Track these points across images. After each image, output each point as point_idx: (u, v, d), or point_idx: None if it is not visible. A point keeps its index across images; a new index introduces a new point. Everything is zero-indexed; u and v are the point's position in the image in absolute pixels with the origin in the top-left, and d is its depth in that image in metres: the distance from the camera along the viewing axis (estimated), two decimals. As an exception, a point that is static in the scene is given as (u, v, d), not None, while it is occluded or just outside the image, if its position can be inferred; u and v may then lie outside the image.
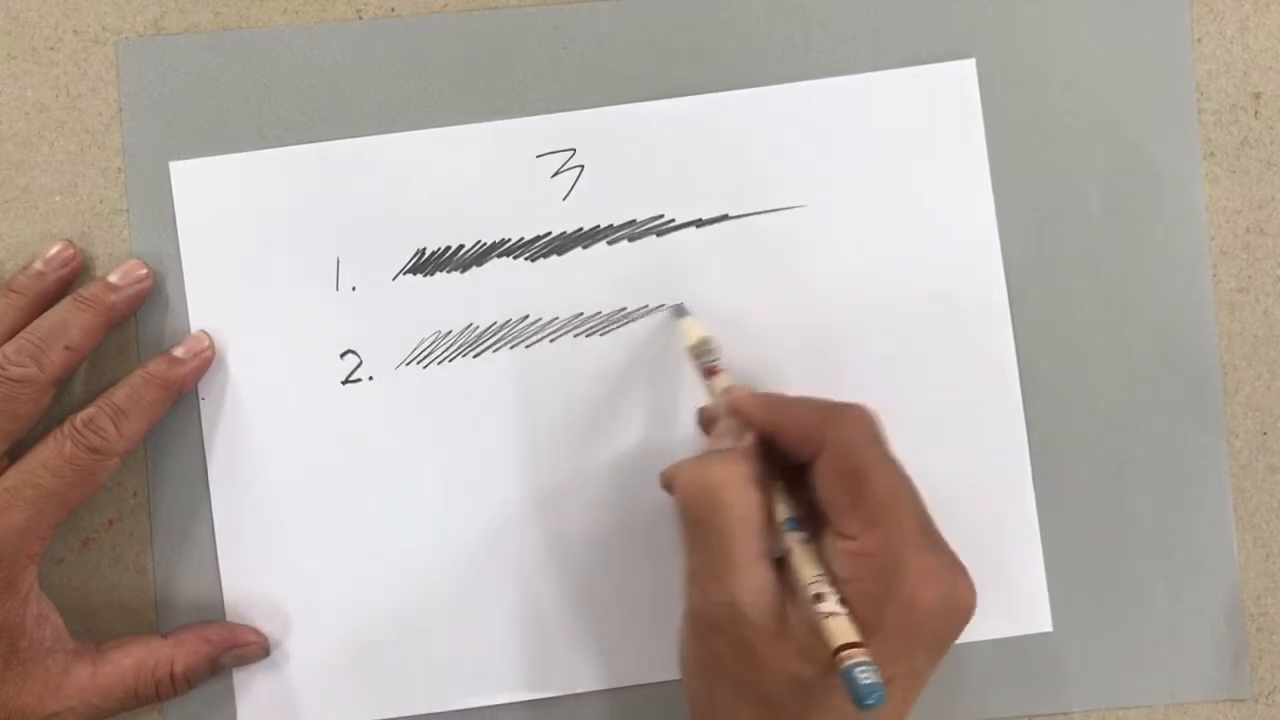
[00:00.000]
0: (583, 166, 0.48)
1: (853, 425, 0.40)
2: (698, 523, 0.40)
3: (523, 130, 0.48)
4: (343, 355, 0.48)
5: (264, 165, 0.47)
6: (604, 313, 0.48)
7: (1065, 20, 0.48)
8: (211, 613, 0.47)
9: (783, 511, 0.41)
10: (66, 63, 0.48)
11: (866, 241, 0.48)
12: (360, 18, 0.48)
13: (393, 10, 0.48)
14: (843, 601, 0.38)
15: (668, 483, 0.42)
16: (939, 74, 0.48)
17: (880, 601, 0.38)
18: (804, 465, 0.41)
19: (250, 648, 0.46)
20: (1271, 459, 0.48)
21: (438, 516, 0.47)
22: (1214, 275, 0.48)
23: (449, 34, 0.48)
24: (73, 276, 0.47)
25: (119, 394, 0.45)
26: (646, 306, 0.48)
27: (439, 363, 0.48)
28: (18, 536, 0.43)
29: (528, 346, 0.48)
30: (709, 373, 0.45)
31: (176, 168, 0.47)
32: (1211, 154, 0.48)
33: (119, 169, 0.48)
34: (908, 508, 0.39)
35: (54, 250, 0.47)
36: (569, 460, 0.47)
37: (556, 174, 0.48)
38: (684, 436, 0.47)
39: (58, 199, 0.48)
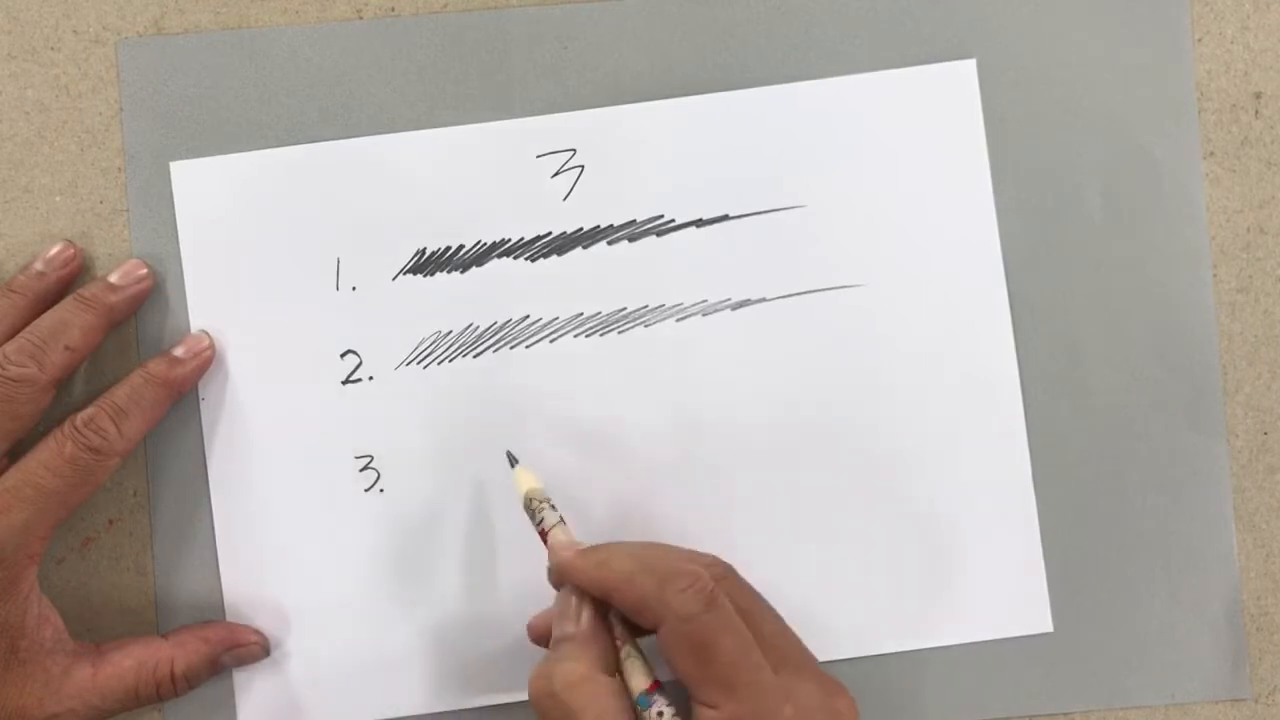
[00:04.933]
0: (583, 166, 0.48)
1: (688, 594, 0.39)
2: None
3: (523, 130, 0.48)
4: (343, 355, 0.48)
5: (264, 165, 0.47)
6: (604, 313, 0.48)
7: (1065, 20, 0.48)
8: (211, 613, 0.47)
9: (639, 682, 0.39)
10: (66, 63, 0.48)
11: (866, 241, 0.48)
12: (360, 18, 0.48)
13: (393, 10, 0.48)
14: None
15: None
16: (939, 74, 0.48)
17: None
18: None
19: (250, 648, 0.46)
20: (1271, 459, 0.48)
21: (437, 516, 0.47)
22: (1214, 275, 0.48)
23: (449, 34, 0.48)
24: (73, 277, 0.47)
25: (119, 394, 0.45)
26: (646, 306, 0.48)
27: (439, 363, 0.48)
28: (18, 536, 0.43)
29: (528, 346, 0.48)
30: (541, 529, 0.43)
31: (176, 168, 0.47)
32: (1211, 154, 0.48)
33: (119, 169, 0.48)
34: (761, 661, 0.39)
35: (54, 250, 0.47)
36: (569, 460, 0.47)
37: (556, 174, 0.48)
38: (687, 435, 0.47)
39: (58, 199, 0.48)
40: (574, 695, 0.38)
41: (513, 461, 0.46)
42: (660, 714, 0.38)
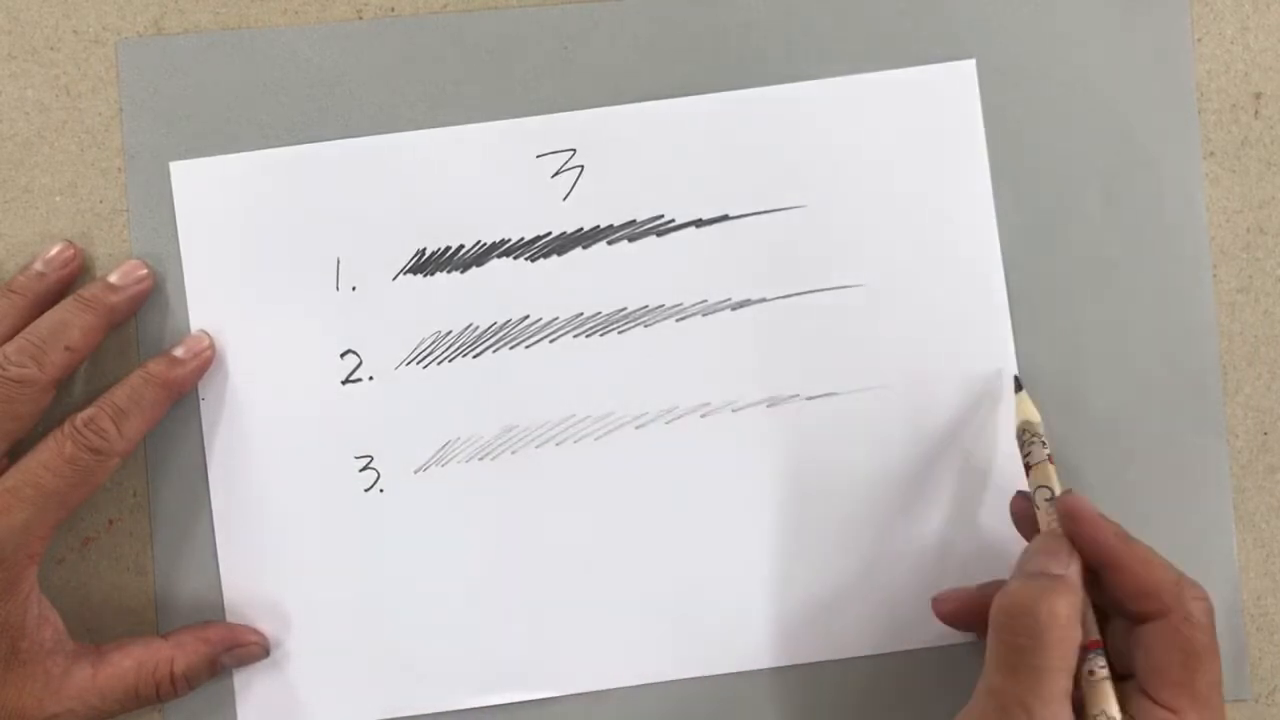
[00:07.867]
0: (583, 166, 0.48)
1: (1202, 603, 0.41)
2: (1015, 648, 0.40)
3: (523, 130, 0.48)
4: (343, 355, 0.48)
5: (264, 165, 0.47)
6: (604, 313, 0.48)
7: (1065, 20, 0.48)
8: (211, 613, 0.47)
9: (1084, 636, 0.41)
10: (66, 63, 0.48)
11: (866, 241, 0.48)
12: (360, 18, 0.48)
13: (393, 10, 0.48)
14: None
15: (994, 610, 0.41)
16: (939, 74, 0.48)
17: None
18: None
19: (250, 648, 0.47)
20: (1271, 459, 0.48)
21: (437, 516, 0.47)
22: (1214, 275, 0.48)
23: (449, 34, 0.48)
24: (73, 277, 0.47)
25: (119, 394, 0.45)
26: (646, 306, 0.48)
27: (439, 363, 0.48)
28: (18, 537, 0.43)
29: (528, 347, 0.48)
30: (1027, 463, 0.44)
31: (176, 168, 0.47)
32: (1211, 154, 0.48)
33: (119, 169, 0.48)
34: (1221, 692, 0.40)
35: (54, 250, 0.47)
36: (569, 459, 0.47)
37: (556, 174, 0.48)
38: (690, 428, 0.47)
39: (58, 199, 0.48)
40: (1053, 628, 0.39)
41: (1019, 386, 0.46)
42: (1093, 672, 0.40)
